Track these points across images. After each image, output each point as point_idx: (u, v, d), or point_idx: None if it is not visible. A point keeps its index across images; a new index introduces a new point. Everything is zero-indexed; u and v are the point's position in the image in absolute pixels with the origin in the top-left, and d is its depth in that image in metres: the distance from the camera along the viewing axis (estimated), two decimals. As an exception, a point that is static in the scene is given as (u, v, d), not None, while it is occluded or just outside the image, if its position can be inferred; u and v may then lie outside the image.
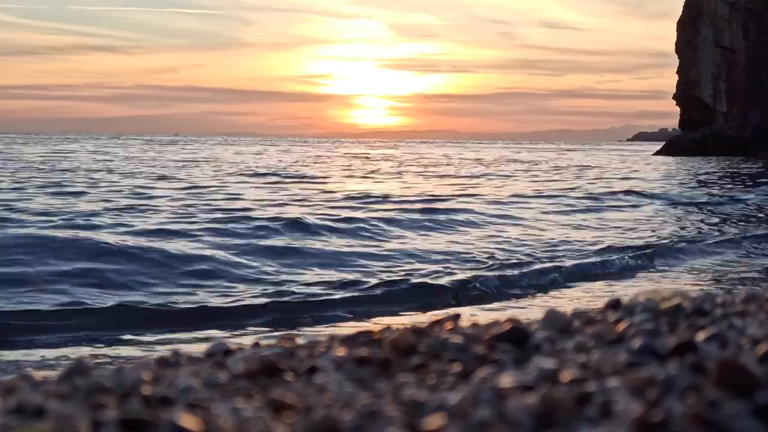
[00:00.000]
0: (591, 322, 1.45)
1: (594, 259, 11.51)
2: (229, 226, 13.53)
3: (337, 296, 8.80)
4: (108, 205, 16.68)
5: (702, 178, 33.06)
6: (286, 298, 8.64)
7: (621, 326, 1.38)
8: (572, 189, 25.00)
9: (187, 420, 0.97)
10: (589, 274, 10.53)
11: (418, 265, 10.74)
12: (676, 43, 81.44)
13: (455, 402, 1.03)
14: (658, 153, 75.19)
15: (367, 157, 54.97)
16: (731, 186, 28.29)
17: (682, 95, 78.70)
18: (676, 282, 10.02)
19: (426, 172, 35.72)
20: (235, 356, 1.29)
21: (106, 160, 39.86)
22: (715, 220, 17.37)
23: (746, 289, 1.68)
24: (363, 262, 10.91)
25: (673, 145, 75.69)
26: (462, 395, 1.04)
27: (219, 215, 15.00)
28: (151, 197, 18.78)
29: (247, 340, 1.56)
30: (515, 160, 53.48)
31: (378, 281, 9.51)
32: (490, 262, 10.89)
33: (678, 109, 79.63)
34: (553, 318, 1.45)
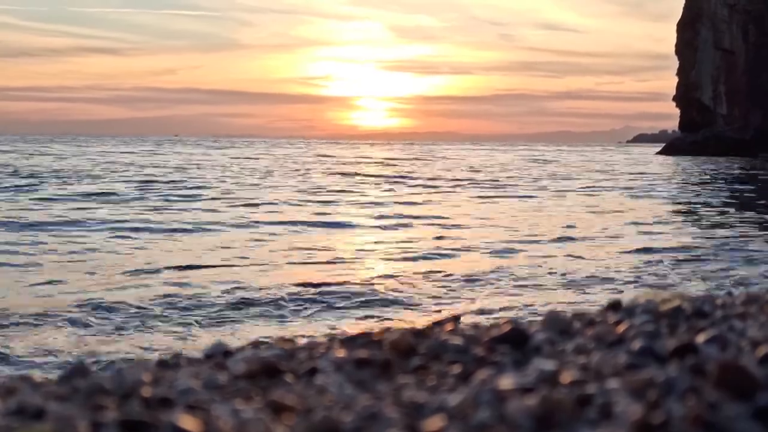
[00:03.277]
0: (591, 324, 1.45)
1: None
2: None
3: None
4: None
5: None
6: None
7: (621, 328, 1.38)
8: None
9: (187, 421, 0.97)
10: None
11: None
12: (676, 45, 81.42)
13: (455, 403, 1.03)
14: (659, 154, 75.22)
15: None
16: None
17: (682, 97, 78.68)
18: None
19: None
20: (234, 357, 1.29)
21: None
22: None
23: (746, 291, 1.68)
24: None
25: (674, 147, 75.71)
26: (462, 397, 1.04)
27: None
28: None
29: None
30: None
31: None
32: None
33: (678, 110, 79.61)
34: (553, 319, 1.45)
